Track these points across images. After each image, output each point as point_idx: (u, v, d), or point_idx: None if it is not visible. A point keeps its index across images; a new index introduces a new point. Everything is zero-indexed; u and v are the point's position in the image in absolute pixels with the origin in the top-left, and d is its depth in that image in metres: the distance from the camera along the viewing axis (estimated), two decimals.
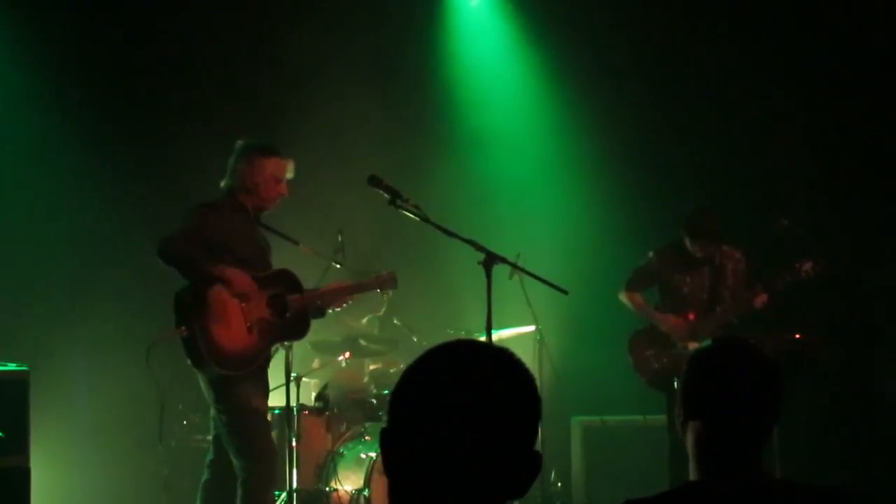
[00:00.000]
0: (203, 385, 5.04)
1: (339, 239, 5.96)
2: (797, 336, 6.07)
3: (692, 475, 2.31)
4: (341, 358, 6.54)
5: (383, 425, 1.60)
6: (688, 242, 6.19)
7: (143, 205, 7.03)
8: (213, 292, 4.90)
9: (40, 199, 6.85)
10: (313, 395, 6.30)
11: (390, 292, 5.77)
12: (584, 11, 7.65)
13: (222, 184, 5.19)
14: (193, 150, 6.89)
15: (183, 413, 6.45)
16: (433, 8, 8.04)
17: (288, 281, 5.20)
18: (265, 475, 4.99)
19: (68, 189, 6.87)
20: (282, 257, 5.33)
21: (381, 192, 4.89)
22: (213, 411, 5.08)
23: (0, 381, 4.80)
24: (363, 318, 6.90)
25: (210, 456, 5.19)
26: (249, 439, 4.95)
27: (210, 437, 5.25)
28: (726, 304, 6.20)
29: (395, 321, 6.89)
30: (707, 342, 2.42)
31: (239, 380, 4.92)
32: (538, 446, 1.59)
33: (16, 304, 6.64)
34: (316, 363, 6.77)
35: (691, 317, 6.22)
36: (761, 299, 6.08)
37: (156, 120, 7.16)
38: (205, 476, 5.17)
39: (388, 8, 7.60)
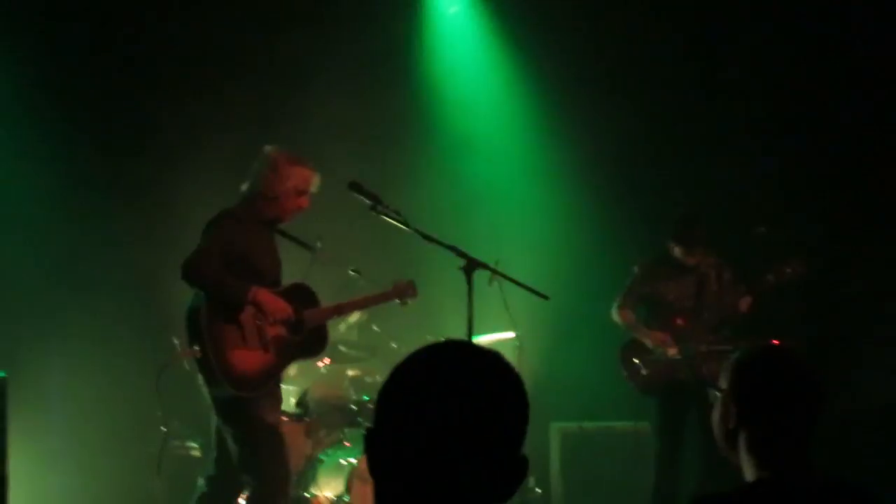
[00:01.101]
0: (211, 401, 4.84)
1: (319, 245, 5.91)
2: (774, 343, 6.11)
3: (748, 479, 2.36)
4: (320, 364, 6.52)
5: (363, 431, 1.59)
6: (678, 252, 6.20)
7: (121, 214, 7.00)
8: (236, 314, 4.74)
9: (16, 207, 6.79)
10: (293, 401, 6.27)
11: (409, 301, 5.36)
12: (563, 18, 7.67)
13: (243, 188, 4.96)
14: (173, 161, 6.88)
15: (161, 419, 6.40)
16: (412, 16, 8.04)
17: (304, 295, 5.03)
18: (275, 492, 4.81)
19: (45, 197, 6.82)
20: None
21: (362, 197, 4.88)
22: (219, 428, 4.88)
23: None
24: (341, 325, 6.88)
25: (211, 472, 5.01)
26: (262, 456, 4.78)
27: (197, 445, 5.13)
28: (712, 309, 6.24)
29: (375, 327, 6.87)
30: (743, 349, 2.47)
31: (252, 398, 4.76)
32: None
33: None
34: (294, 370, 6.75)
35: (679, 322, 6.23)
36: (746, 302, 6.14)
37: (134, 130, 7.12)
38: (203, 489, 5.00)
39: (368, 16, 7.60)
